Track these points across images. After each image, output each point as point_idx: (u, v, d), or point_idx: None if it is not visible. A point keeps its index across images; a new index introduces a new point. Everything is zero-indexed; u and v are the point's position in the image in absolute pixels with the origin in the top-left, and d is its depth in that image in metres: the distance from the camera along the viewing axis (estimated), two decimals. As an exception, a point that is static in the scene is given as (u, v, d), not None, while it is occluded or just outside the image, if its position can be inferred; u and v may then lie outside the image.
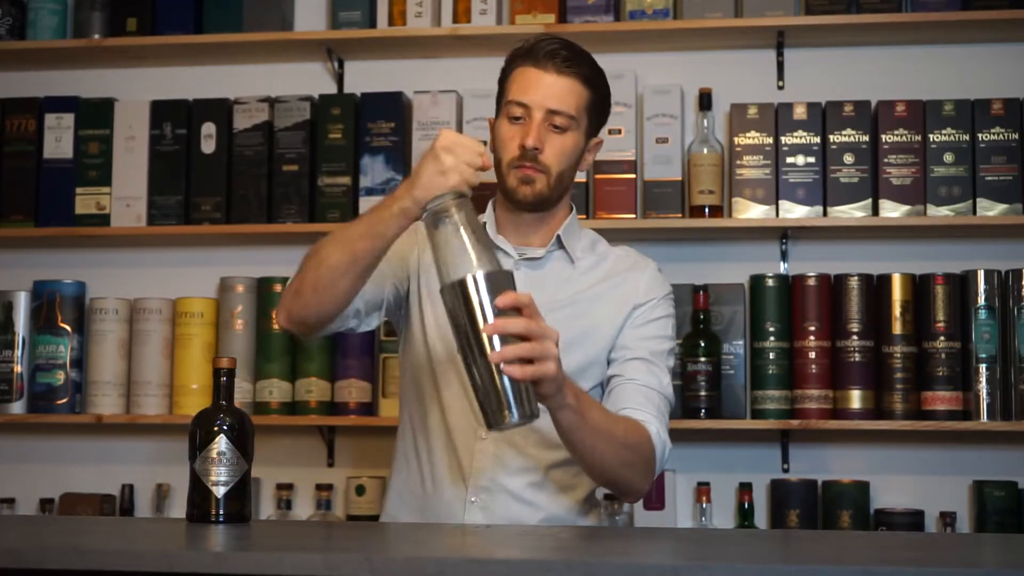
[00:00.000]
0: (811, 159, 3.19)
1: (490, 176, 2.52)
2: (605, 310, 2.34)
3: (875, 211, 3.17)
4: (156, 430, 3.43)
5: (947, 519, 3.12)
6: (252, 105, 3.36)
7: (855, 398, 3.13)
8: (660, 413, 2.28)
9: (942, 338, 3.11)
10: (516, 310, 1.91)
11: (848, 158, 3.18)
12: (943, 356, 3.11)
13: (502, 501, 2.30)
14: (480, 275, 1.89)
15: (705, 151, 3.23)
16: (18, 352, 3.36)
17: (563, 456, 2.25)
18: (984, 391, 3.09)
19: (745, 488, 3.17)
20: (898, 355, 3.12)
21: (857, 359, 3.13)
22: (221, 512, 2.05)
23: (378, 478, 3.28)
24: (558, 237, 2.35)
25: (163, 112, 3.40)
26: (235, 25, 3.40)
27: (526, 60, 2.30)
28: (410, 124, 3.32)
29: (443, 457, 2.33)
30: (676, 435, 3.24)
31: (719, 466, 3.28)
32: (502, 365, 1.87)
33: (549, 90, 2.28)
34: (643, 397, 2.27)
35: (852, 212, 3.17)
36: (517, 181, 2.30)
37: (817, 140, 3.20)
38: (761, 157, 3.21)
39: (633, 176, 3.24)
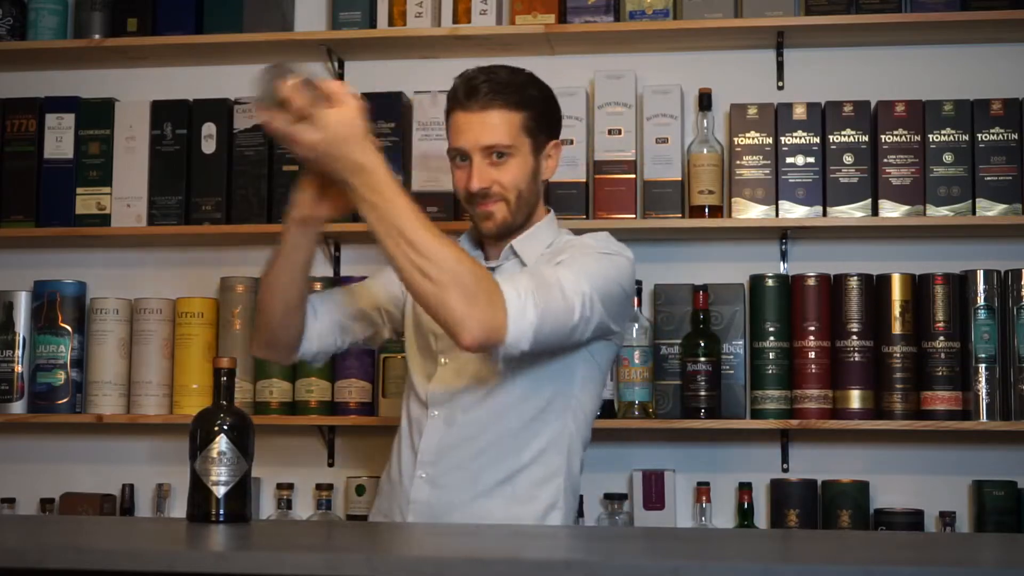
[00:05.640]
0: (811, 159, 3.19)
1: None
2: None
3: (875, 211, 3.17)
4: (156, 430, 3.43)
5: (946, 519, 3.13)
6: (252, 105, 3.36)
7: (855, 398, 3.13)
8: (518, 282, 2.15)
9: (941, 338, 3.11)
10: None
11: (848, 158, 3.18)
12: (942, 356, 3.11)
13: (446, 471, 2.36)
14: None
15: (705, 151, 3.23)
16: (19, 352, 3.36)
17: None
18: (983, 391, 3.09)
19: (745, 488, 3.17)
20: (897, 355, 3.12)
21: (857, 359, 3.13)
22: (221, 512, 2.05)
23: (378, 478, 3.27)
24: (510, 247, 2.42)
25: (163, 112, 3.40)
26: (235, 25, 3.40)
27: (455, 105, 2.37)
28: (410, 124, 3.32)
29: (406, 442, 2.45)
30: (676, 435, 3.29)
31: (719, 466, 3.28)
32: None
33: (478, 129, 2.33)
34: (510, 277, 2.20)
35: (852, 212, 3.17)
36: (479, 218, 2.39)
37: (817, 140, 3.20)
38: (761, 157, 3.21)
39: (633, 176, 3.24)
